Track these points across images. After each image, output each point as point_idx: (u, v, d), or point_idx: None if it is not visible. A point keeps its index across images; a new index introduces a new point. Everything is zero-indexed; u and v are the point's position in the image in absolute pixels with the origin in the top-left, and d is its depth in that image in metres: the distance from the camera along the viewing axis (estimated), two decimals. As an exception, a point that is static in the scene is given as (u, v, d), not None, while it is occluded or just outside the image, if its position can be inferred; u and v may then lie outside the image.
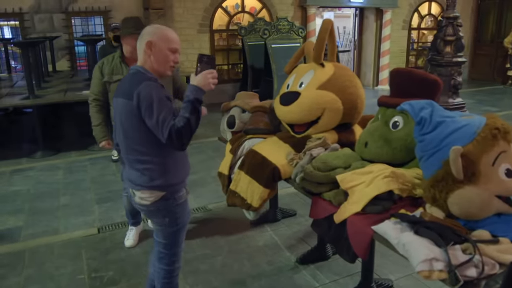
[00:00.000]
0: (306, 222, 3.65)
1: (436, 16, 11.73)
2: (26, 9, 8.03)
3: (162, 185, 2.05)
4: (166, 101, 1.94)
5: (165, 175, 2.05)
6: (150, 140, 1.96)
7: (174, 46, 2.06)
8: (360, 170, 2.20)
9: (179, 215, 2.16)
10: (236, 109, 3.12)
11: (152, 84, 1.96)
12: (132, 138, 2.02)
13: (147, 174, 2.04)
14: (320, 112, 2.59)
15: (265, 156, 2.56)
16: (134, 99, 1.91)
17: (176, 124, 1.86)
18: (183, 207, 2.17)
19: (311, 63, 2.75)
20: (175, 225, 2.15)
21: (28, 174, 4.96)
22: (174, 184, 2.10)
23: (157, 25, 2.18)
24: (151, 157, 2.02)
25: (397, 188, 2.05)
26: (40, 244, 3.37)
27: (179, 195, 2.12)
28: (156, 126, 1.88)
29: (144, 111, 1.90)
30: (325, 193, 2.27)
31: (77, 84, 6.59)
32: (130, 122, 1.98)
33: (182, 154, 2.14)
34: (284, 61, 7.52)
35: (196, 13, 8.71)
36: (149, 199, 2.07)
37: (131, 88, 1.95)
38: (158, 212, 2.12)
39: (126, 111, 1.98)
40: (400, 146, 2.26)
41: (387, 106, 2.39)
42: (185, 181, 2.19)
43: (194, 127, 1.90)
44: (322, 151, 2.48)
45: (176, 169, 2.11)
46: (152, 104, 1.88)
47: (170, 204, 2.10)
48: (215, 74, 2.01)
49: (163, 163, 2.04)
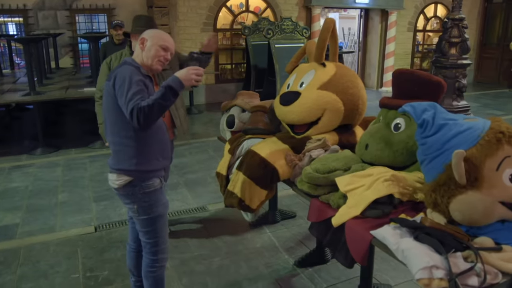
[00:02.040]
0: (306, 224, 3.59)
1: (442, 18, 11.63)
2: (30, 6, 8.03)
3: (128, 169, 2.08)
4: (140, 83, 1.98)
5: (132, 159, 2.07)
6: (122, 121, 2.00)
7: (166, 44, 2.15)
8: (360, 172, 2.14)
9: (149, 204, 2.15)
10: (236, 108, 3.08)
11: (131, 68, 2.04)
12: (108, 119, 2.11)
13: (115, 156, 2.11)
14: (320, 112, 2.54)
15: (264, 156, 2.51)
16: (111, 80, 2.01)
17: (141, 103, 1.89)
18: (154, 197, 2.16)
19: (312, 63, 2.70)
20: (146, 213, 2.16)
21: (27, 171, 4.93)
22: (143, 171, 2.10)
23: (156, 29, 2.31)
24: (121, 138, 2.07)
25: (398, 192, 2.00)
26: (36, 242, 3.34)
27: (147, 183, 2.12)
28: (124, 103, 1.92)
29: (117, 90, 1.97)
30: (323, 196, 2.22)
31: (79, 82, 6.56)
32: (106, 102, 2.08)
33: (160, 142, 2.16)
34: (287, 61, 7.35)
35: (200, 11, 8.68)
36: (116, 182, 2.10)
37: (112, 72, 2.08)
38: (126, 198, 2.15)
39: (105, 92, 2.09)
40: (401, 149, 2.20)
41: (389, 107, 2.34)
42: (159, 170, 2.19)
43: (156, 111, 1.91)
44: (322, 153, 2.43)
45: (149, 156, 2.11)
46: (124, 82, 1.95)
47: (136, 191, 2.11)
48: (200, 71, 2.01)
49: (133, 147, 2.06)
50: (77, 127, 7.01)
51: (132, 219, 2.29)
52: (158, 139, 2.14)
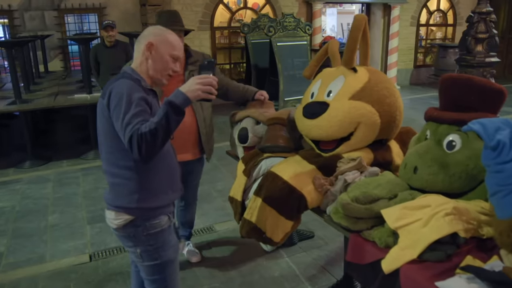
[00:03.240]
0: (326, 246, 3.23)
1: (445, 12, 11.29)
2: (15, 6, 7.58)
3: (128, 206, 1.68)
4: (140, 102, 1.56)
5: (133, 194, 1.68)
6: (120, 148, 1.60)
7: (176, 53, 1.73)
8: (412, 204, 1.75)
9: (155, 248, 1.76)
10: (248, 120, 2.67)
11: (129, 82, 1.61)
12: (103, 144, 1.70)
13: (113, 190, 1.72)
14: (353, 127, 2.15)
15: (287, 180, 2.11)
16: (105, 97, 1.60)
17: (141, 128, 1.48)
18: (161, 239, 1.77)
19: (340, 67, 2.31)
20: (151, 259, 1.77)
21: (14, 188, 4.51)
22: (148, 209, 1.71)
23: (160, 26, 1.83)
24: (120, 169, 1.67)
25: (463, 229, 1.62)
26: (22, 276, 2.94)
27: (152, 222, 1.73)
28: (121, 128, 1.53)
29: (112, 111, 1.57)
30: (366, 231, 1.83)
31: (69, 87, 6.14)
32: (101, 124, 1.66)
33: (168, 171, 1.77)
34: (290, 60, 7.08)
35: (196, 9, 8.25)
36: (114, 221, 1.73)
37: (107, 86, 1.65)
38: (127, 240, 1.77)
39: (98, 111, 1.67)
40: (459, 173, 1.82)
41: (440, 121, 1.94)
42: (167, 206, 1.80)
43: (160, 137, 1.51)
44: (358, 176, 2.04)
45: (154, 190, 1.73)
46: (120, 101, 1.54)
47: (139, 233, 1.72)
48: (209, 80, 1.60)
49: (134, 179, 1.67)
50: (69, 135, 6.57)
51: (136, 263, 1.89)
52: (166, 167, 1.76)
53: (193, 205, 3.02)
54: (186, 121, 2.62)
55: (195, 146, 2.70)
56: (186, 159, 2.69)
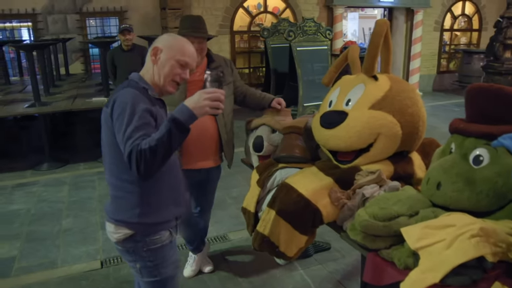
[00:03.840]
0: (343, 259, 3.11)
1: (470, 16, 11.00)
2: (39, 10, 7.69)
3: (129, 221, 1.62)
4: (144, 114, 1.49)
5: (134, 209, 1.61)
6: (123, 161, 1.51)
7: (185, 59, 1.64)
8: (435, 222, 1.64)
9: (155, 264, 1.69)
10: (264, 128, 2.58)
11: (134, 92, 1.54)
12: (107, 155, 1.64)
13: (114, 202, 1.66)
14: (373, 138, 2.05)
15: (302, 193, 2.02)
16: (109, 106, 1.53)
17: (141, 144, 1.41)
18: (161, 254, 1.70)
19: (360, 75, 2.20)
20: (151, 275, 1.70)
21: (31, 190, 4.52)
22: (149, 224, 1.64)
23: (174, 34, 1.76)
24: (122, 182, 1.61)
25: (490, 253, 1.49)
26: (33, 281, 2.91)
27: (153, 238, 1.66)
28: (122, 141, 1.46)
29: (115, 121, 1.50)
30: (384, 251, 1.72)
31: (88, 90, 6.16)
32: (105, 134, 1.60)
33: (172, 185, 1.70)
34: (310, 65, 6.97)
35: (216, 13, 8.23)
36: (114, 235, 1.66)
37: (112, 95, 1.59)
38: (127, 254, 1.70)
39: (102, 120, 1.60)
40: (487, 190, 1.69)
41: (466, 134, 1.82)
42: (169, 222, 1.73)
43: (160, 155, 1.42)
44: (377, 190, 1.93)
45: (157, 205, 1.65)
46: (123, 112, 1.47)
47: (139, 248, 1.66)
48: (217, 95, 1.51)
49: (136, 193, 1.60)
50: (87, 138, 6.60)
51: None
52: (170, 182, 1.69)
53: (207, 212, 2.96)
54: (207, 127, 2.56)
55: (216, 153, 2.64)
56: (208, 166, 2.63)
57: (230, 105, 2.64)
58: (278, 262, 2.99)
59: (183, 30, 2.43)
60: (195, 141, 2.45)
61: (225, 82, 2.60)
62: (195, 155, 2.51)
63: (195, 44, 2.39)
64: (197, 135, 2.44)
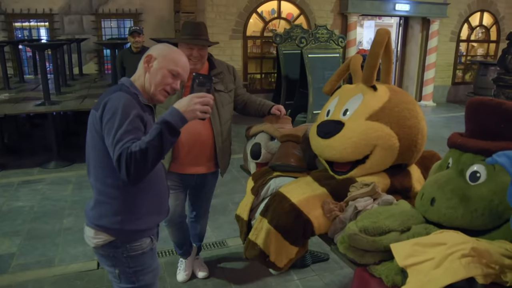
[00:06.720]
0: (341, 270, 3.05)
1: (488, 28, 10.83)
2: (56, 10, 7.80)
3: (110, 227, 1.60)
4: (135, 119, 1.48)
5: (116, 216, 1.59)
6: (109, 166, 1.52)
7: (178, 70, 1.64)
8: (426, 240, 1.59)
9: (134, 271, 1.67)
10: (262, 135, 2.56)
11: (126, 96, 1.54)
12: (91, 158, 1.63)
13: (97, 207, 1.62)
14: (369, 150, 2.00)
15: (295, 203, 1.98)
16: (99, 109, 1.52)
17: (132, 147, 1.39)
18: (141, 261, 1.68)
19: (359, 85, 2.16)
20: (129, 282, 1.68)
21: (36, 188, 4.56)
22: (130, 231, 1.63)
23: (169, 45, 1.74)
24: (106, 187, 1.59)
25: (481, 275, 1.44)
26: (29, 279, 2.92)
27: (133, 245, 1.65)
28: (111, 144, 1.45)
29: (105, 125, 1.48)
30: (372, 266, 1.67)
31: (99, 90, 6.20)
32: (91, 137, 1.59)
33: (157, 194, 1.68)
34: (321, 72, 6.92)
35: (229, 18, 8.25)
36: (92, 240, 1.63)
37: (102, 98, 1.57)
38: (106, 259, 1.67)
39: (90, 123, 1.59)
40: (482, 209, 1.63)
41: (463, 149, 1.77)
42: (150, 230, 1.71)
43: (151, 158, 1.41)
44: (371, 203, 1.88)
45: (140, 212, 1.63)
46: (114, 116, 1.46)
47: (119, 254, 1.63)
48: (207, 99, 1.51)
49: (120, 200, 1.59)
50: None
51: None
52: (155, 189, 1.68)
53: (204, 218, 2.93)
54: (202, 134, 2.53)
55: (210, 160, 2.61)
56: (199, 172, 2.60)
57: (229, 113, 2.62)
58: (271, 271, 2.94)
59: (184, 37, 2.41)
60: (187, 146, 2.44)
61: (227, 89, 2.58)
62: (187, 160, 2.49)
63: (195, 50, 2.38)
64: (188, 140, 2.42)
